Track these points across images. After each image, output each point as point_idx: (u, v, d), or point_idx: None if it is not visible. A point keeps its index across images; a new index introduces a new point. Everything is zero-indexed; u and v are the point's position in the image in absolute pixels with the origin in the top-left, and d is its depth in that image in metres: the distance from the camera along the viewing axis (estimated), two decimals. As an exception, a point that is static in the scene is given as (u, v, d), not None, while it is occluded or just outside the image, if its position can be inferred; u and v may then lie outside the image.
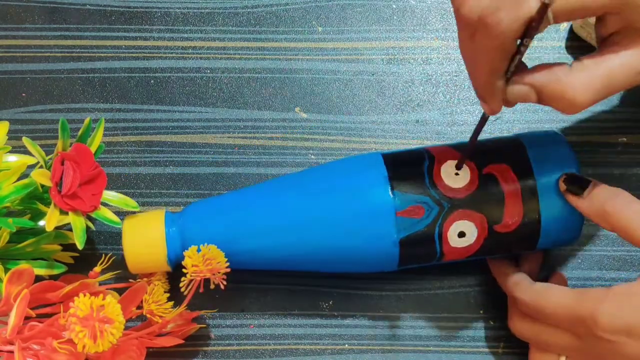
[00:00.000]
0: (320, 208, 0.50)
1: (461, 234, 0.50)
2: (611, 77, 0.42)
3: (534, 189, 0.49)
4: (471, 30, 0.42)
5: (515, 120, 0.59)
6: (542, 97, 0.43)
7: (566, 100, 0.42)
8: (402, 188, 0.49)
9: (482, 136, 0.50)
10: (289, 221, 0.50)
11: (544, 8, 0.40)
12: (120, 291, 0.52)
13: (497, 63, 0.43)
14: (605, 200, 0.47)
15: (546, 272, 0.55)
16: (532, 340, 0.50)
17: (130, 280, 0.53)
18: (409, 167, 0.50)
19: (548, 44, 0.61)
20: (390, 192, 0.49)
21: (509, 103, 0.46)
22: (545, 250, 0.55)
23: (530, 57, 0.61)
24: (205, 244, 0.49)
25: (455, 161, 0.50)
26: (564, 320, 0.47)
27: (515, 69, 0.44)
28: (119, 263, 0.54)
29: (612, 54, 0.42)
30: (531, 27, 0.41)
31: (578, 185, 0.48)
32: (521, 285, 0.50)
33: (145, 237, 0.51)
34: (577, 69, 0.42)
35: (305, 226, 0.50)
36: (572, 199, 0.48)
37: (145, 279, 0.53)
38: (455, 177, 0.50)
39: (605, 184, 0.48)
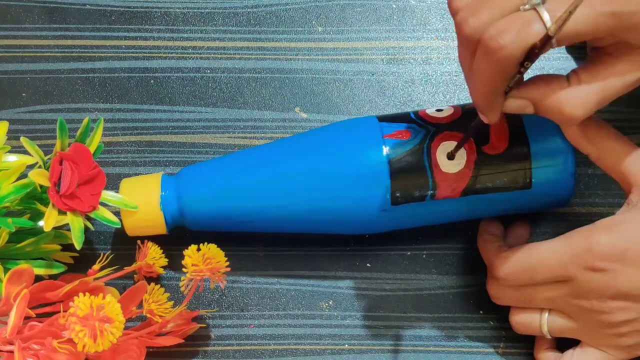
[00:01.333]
0: (310, 157, 0.52)
1: (450, 156, 0.50)
2: (606, 90, 0.43)
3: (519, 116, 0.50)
4: (472, 48, 0.42)
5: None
6: (539, 110, 0.44)
7: (564, 115, 0.43)
8: (389, 120, 0.52)
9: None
10: (281, 177, 0.51)
11: (548, 36, 0.40)
12: (119, 287, 0.52)
13: (497, 83, 0.43)
14: (588, 126, 0.48)
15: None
16: (514, 301, 0.50)
17: (126, 267, 0.53)
18: (396, 114, 0.53)
19: (548, 44, 0.61)
20: (377, 123, 0.51)
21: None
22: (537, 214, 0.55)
23: (530, 57, 0.61)
24: (205, 244, 0.49)
25: (440, 107, 0.52)
26: (555, 266, 0.47)
27: (514, 84, 0.44)
28: (118, 262, 0.54)
29: (606, 66, 0.43)
30: (534, 53, 0.41)
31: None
32: (503, 252, 0.49)
33: (141, 197, 0.52)
34: (574, 83, 0.43)
35: (297, 178, 0.51)
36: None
37: (142, 261, 0.53)
38: (439, 112, 0.52)
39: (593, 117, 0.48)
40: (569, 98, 0.43)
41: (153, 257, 0.53)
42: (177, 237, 0.54)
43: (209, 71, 0.61)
